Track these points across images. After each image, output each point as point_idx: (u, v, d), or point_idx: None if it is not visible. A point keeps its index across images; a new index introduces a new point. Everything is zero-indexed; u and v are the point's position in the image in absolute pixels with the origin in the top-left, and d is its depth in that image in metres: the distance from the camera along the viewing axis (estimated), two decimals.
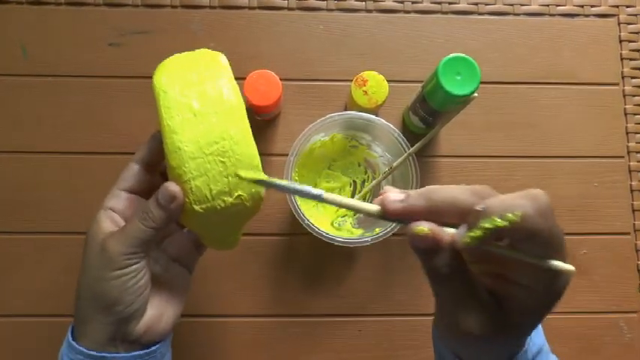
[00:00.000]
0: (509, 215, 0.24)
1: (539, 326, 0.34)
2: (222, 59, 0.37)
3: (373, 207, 0.28)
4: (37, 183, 0.56)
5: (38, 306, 0.55)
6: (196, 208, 0.34)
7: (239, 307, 0.56)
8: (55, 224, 0.56)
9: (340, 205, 0.30)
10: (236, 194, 0.34)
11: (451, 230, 0.27)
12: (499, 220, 0.24)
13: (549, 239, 0.25)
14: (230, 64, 0.37)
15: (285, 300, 0.56)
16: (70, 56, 0.59)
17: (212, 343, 0.55)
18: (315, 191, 0.30)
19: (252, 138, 0.35)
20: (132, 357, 0.35)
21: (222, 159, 0.33)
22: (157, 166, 0.38)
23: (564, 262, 0.26)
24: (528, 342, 0.31)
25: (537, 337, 0.33)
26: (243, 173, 0.33)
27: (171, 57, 0.37)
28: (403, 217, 0.27)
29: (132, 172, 0.37)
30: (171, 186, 0.33)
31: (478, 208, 0.25)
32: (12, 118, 0.57)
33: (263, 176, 0.34)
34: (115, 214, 0.36)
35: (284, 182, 0.32)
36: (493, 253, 0.27)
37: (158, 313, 0.37)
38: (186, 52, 0.38)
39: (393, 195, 0.27)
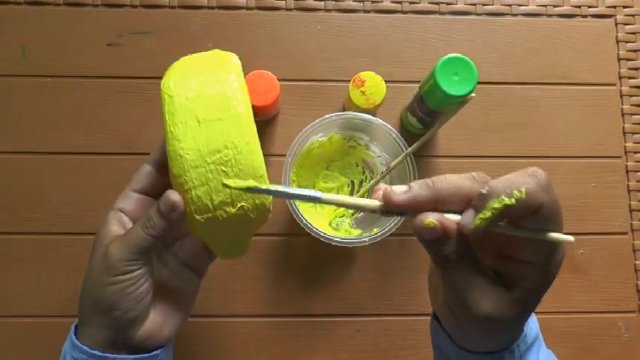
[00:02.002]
0: (515, 193, 0.25)
1: (533, 314, 0.34)
2: (234, 61, 0.36)
3: (374, 202, 0.28)
4: (36, 184, 0.56)
5: (39, 307, 0.55)
6: (197, 217, 0.33)
7: (237, 308, 0.56)
8: (56, 225, 0.56)
9: (340, 205, 0.29)
10: (239, 205, 0.33)
11: (454, 217, 0.27)
12: (506, 198, 0.25)
13: (551, 212, 0.26)
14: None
15: (283, 300, 0.56)
16: (68, 57, 0.59)
17: (210, 344, 0.55)
18: (313, 193, 0.29)
19: (258, 147, 0.33)
20: (133, 359, 0.35)
21: (224, 168, 0.32)
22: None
23: (562, 233, 0.27)
24: (526, 327, 0.32)
25: (533, 323, 0.33)
26: (231, 183, 0.31)
27: (182, 58, 0.36)
28: (408, 208, 0.27)
29: (144, 173, 0.37)
30: (173, 195, 0.33)
31: (482, 191, 0.26)
32: (11, 119, 0.57)
33: (252, 184, 0.31)
34: (123, 216, 0.36)
35: (277, 187, 0.30)
36: (495, 235, 0.27)
37: (162, 319, 0.36)
38: (198, 54, 0.37)
39: (397, 188, 0.28)
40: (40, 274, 0.55)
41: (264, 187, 0.30)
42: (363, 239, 0.49)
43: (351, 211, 0.57)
